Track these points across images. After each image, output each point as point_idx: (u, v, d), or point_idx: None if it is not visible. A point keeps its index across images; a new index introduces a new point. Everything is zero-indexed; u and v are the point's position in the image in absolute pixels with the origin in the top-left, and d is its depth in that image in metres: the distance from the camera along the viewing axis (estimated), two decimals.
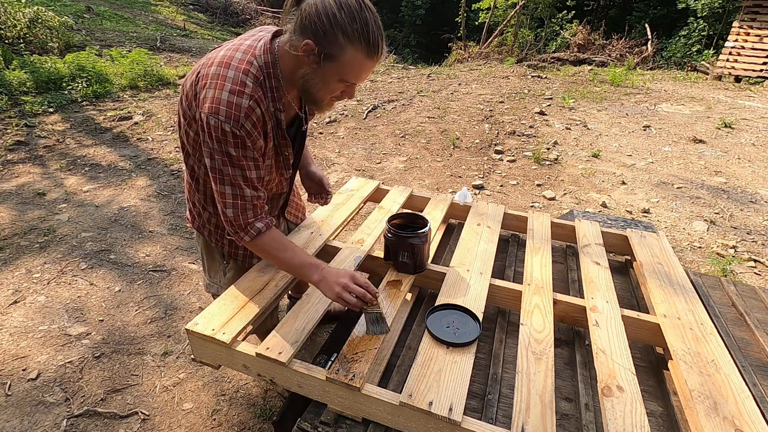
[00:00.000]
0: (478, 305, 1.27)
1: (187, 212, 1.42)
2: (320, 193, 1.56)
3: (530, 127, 5.37)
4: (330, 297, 1.15)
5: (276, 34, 1.09)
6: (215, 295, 1.47)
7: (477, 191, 3.81)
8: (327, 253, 1.56)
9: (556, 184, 4.00)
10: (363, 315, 1.15)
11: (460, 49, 13.08)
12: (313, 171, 1.53)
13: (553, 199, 3.72)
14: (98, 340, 2.07)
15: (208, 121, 1.01)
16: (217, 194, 1.11)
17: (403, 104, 6.03)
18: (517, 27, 13.31)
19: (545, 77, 8.42)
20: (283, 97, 1.11)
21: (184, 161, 1.26)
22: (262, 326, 1.46)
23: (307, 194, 1.59)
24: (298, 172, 1.47)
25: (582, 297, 1.41)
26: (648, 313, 1.40)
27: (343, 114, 5.53)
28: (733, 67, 9.22)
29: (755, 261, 2.96)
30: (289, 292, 2.10)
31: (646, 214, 3.53)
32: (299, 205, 1.71)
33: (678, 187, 4.01)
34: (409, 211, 1.85)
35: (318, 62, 0.98)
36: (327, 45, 0.95)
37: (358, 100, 6.08)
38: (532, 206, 3.60)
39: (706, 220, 3.48)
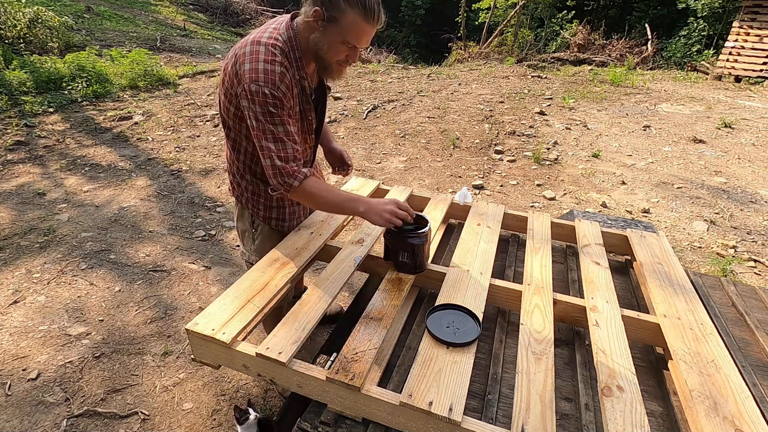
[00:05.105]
0: (478, 305, 1.27)
1: (229, 183, 1.60)
2: (342, 165, 1.74)
3: (530, 127, 5.38)
4: (379, 223, 1.30)
5: (294, 16, 1.30)
6: (248, 263, 1.62)
7: (477, 191, 3.81)
8: (327, 253, 1.55)
9: (556, 184, 4.00)
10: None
11: (460, 49, 13.09)
12: (334, 146, 1.74)
13: (553, 199, 3.72)
14: (98, 340, 2.07)
15: (251, 88, 1.19)
16: (263, 150, 1.26)
17: (403, 104, 6.03)
18: (517, 27, 13.31)
19: (545, 77, 8.42)
20: (305, 67, 1.29)
21: (225, 136, 1.44)
22: (274, 314, 1.46)
23: (330, 169, 1.77)
24: (321, 148, 1.66)
25: (582, 297, 1.41)
26: (648, 313, 1.40)
27: (343, 114, 5.53)
28: (733, 67, 9.22)
29: (755, 261, 2.96)
30: None
31: (646, 214, 3.53)
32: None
33: (678, 187, 4.01)
34: None
35: (325, 26, 1.19)
36: (331, 9, 1.17)
37: (358, 100, 6.08)
38: (532, 206, 3.60)
39: (706, 220, 3.48)
